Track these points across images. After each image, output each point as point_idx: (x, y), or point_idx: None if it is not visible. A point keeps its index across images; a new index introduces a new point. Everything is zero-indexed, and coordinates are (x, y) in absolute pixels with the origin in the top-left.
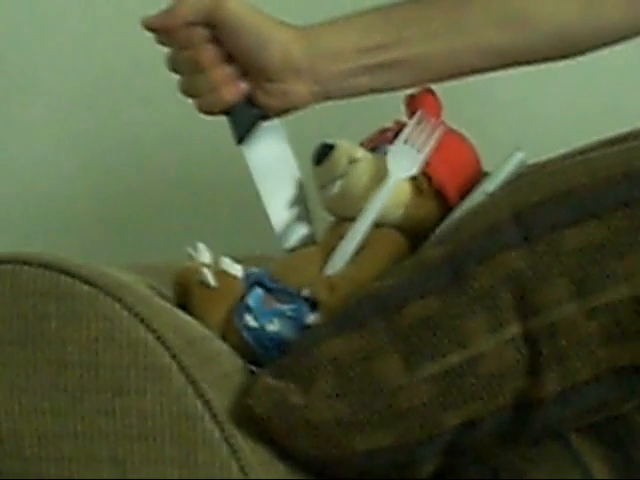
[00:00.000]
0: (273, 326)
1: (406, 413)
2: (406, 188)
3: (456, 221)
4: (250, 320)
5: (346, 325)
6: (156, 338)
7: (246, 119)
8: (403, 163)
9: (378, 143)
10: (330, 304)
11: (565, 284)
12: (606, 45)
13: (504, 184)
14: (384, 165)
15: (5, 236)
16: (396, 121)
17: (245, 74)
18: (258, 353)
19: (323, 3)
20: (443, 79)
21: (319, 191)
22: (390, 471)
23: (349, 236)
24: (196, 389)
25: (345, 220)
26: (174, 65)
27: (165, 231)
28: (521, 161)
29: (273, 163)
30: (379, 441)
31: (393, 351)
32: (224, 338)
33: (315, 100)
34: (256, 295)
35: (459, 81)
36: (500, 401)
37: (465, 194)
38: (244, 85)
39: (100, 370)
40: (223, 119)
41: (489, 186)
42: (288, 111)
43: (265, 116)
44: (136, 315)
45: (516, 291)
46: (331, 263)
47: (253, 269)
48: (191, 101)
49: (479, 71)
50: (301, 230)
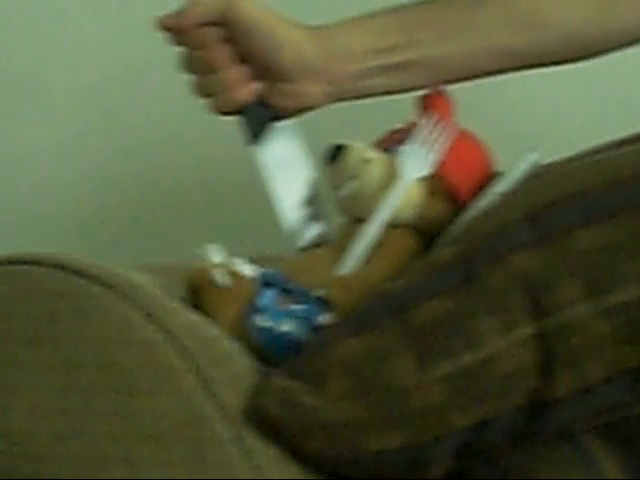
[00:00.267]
0: (286, 326)
1: (418, 413)
2: (418, 188)
3: (469, 221)
4: (263, 320)
5: (359, 325)
6: (168, 338)
7: (259, 120)
8: (415, 164)
9: (390, 144)
10: (343, 304)
11: (577, 285)
12: (619, 48)
13: (517, 184)
14: (396, 166)
15: (17, 237)
16: (408, 122)
17: (258, 74)
18: (270, 353)
19: (337, 3)
20: (457, 80)
21: (332, 192)
22: (401, 472)
23: (361, 236)
24: (208, 389)
25: (357, 220)
26: (187, 65)
27: (177, 231)
28: (534, 162)
29: (286, 163)
30: (391, 441)
31: (406, 351)
32: (236, 338)
33: (328, 101)
34: (269, 295)
35: (471, 82)
36: (512, 401)
37: (477, 194)
38: (257, 85)
39: (112, 370)
40: (233, 120)
41: (502, 186)
42: (301, 112)
43: (278, 117)
44: (148, 315)
45: (529, 291)
46: (343, 263)
47: (266, 269)
48: (204, 101)
49: (492, 73)
50: (314, 230)
